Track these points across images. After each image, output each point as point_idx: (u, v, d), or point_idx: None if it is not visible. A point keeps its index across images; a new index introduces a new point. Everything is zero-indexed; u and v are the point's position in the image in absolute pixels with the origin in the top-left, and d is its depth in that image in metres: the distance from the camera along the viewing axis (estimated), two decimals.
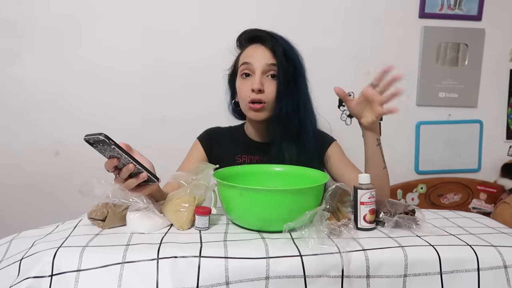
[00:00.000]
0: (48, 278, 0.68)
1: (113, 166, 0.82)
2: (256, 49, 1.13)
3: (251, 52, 1.14)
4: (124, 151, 0.79)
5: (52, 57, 1.63)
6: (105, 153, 0.81)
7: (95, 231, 0.83)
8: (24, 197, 1.67)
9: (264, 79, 1.10)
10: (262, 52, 1.11)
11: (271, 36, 1.13)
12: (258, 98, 1.09)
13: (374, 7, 1.75)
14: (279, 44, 1.11)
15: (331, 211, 0.91)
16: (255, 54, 1.12)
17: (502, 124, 1.89)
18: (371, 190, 0.87)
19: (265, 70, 1.10)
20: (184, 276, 0.69)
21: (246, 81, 1.13)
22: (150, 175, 0.84)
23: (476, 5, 1.78)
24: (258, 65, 1.10)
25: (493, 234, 0.87)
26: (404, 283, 0.74)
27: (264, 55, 1.11)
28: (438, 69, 1.81)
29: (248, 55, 1.14)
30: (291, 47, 1.15)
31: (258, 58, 1.11)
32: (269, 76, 1.11)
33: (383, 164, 1.05)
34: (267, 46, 1.12)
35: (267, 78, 1.11)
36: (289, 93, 1.10)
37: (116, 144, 0.78)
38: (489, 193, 1.86)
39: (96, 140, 0.78)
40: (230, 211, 0.89)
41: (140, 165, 0.82)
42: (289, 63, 1.11)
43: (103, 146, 0.79)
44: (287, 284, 0.71)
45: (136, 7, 1.64)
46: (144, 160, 0.86)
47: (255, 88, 1.09)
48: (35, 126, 1.65)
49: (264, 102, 1.10)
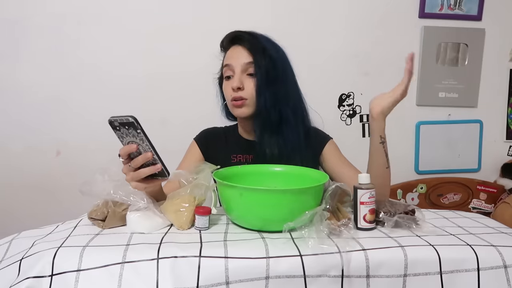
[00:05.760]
0: (48, 278, 0.68)
1: (128, 153, 0.82)
2: (235, 50, 1.15)
3: (230, 53, 1.16)
4: (148, 139, 0.79)
5: (52, 59, 1.63)
6: (125, 139, 0.81)
7: (95, 231, 0.83)
8: (24, 197, 1.67)
9: (243, 78, 1.13)
10: (240, 52, 1.13)
11: (249, 35, 1.15)
12: (239, 96, 1.12)
13: (374, 7, 1.75)
14: (256, 42, 1.13)
15: (331, 211, 0.91)
16: (234, 55, 1.15)
17: (502, 124, 1.89)
18: (371, 190, 0.87)
19: (244, 69, 1.12)
20: (184, 276, 0.69)
21: (228, 83, 1.15)
22: (164, 168, 0.84)
23: (476, 5, 1.78)
24: (236, 65, 1.13)
25: (493, 234, 0.87)
26: (404, 283, 0.74)
27: (242, 54, 1.13)
28: (438, 69, 1.81)
29: (228, 57, 1.17)
30: (271, 43, 1.16)
31: (236, 58, 1.13)
32: (248, 75, 1.13)
33: (386, 163, 1.05)
34: (244, 46, 1.14)
35: (246, 77, 1.13)
36: (268, 88, 1.12)
37: (143, 129, 0.78)
38: (489, 193, 1.86)
39: (122, 122, 0.77)
40: (230, 211, 0.89)
41: (158, 156, 0.82)
42: (267, 59, 1.12)
43: (127, 130, 0.79)
44: (287, 284, 0.71)
45: (136, 9, 1.64)
46: None
47: (234, 87, 1.11)
48: (35, 126, 1.65)
49: (245, 98, 1.12)
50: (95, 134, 1.66)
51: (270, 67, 1.12)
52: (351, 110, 1.81)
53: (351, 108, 1.80)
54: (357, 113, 1.81)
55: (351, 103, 1.79)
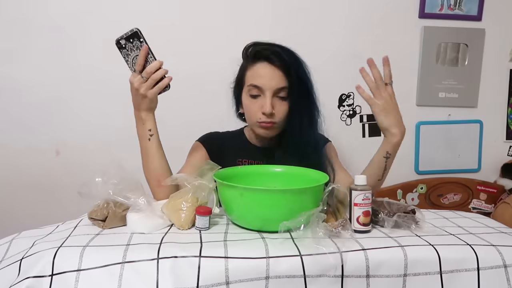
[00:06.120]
0: (48, 278, 0.68)
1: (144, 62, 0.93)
2: (265, 69, 1.08)
3: (259, 72, 1.09)
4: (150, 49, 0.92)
5: (53, 59, 1.63)
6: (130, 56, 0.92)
7: (95, 231, 0.83)
8: (24, 197, 1.67)
9: (274, 101, 1.08)
10: (272, 74, 1.07)
11: (280, 54, 1.07)
12: (269, 121, 1.09)
13: (374, 7, 1.75)
14: (289, 64, 1.07)
15: (331, 211, 0.91)
16: (264, 76, 1.07)
17: (502, 124, 1.89)
18: (365, 191, 0.85)
19: (275, 93, 1.08)
20: (184, 276, 0.69)
21: (255, 102, 1.10)
22: None
23: (476, 5, 1.78)
24: (268, 88, 1.07)
25: (493, 233, 0.87)
26: (404, 283, 0.74)
27: (273, 76, 1.07)
28: (438, 69, 1.81)
29: (256, 75, 1.09)
30: (301, 64, 1.11)
31: (268, 80, 1.07)
32: (279, 97, 1.09)
33: (380, 176, 1.03)
34: (276, 66, 1.07)
35: (277, 99, 1.09)
36: (299, 112, 1.10)
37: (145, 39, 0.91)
38: (489, 193, 1.86)
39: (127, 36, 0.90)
40: (231, 211, 0.89)
41: None
42: (300, 83, 1.08)
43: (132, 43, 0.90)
44: (287, 284, 0.71)
45: (136, 9, 1.64)
46: None
47: (266, 113, 1.07)
48: (35, 126, 1.65)
49: (274, 122, 1.10)
50: (95, 134, 1.66)
51: (303, 92, 1.09)
52: (351, 110, 1.81)
53: (351, 108, 1.80)
54: (357, 113, 1.81)
55: (351, 103, 1.79)
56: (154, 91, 0.96)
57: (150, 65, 0.94)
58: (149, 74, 0.94)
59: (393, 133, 0.98)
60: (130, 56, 0.92)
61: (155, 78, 0.95)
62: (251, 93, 1.11)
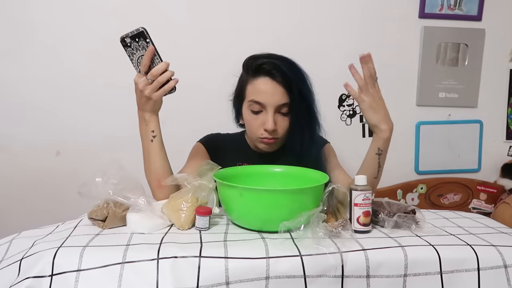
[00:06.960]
0: (48, 278, 0.68)
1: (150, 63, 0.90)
2: (266, 85, 1.06)
3: (261, 88, 1.07)
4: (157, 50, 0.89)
5: (53, 59, 1.63)
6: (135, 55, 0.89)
7: (95, 231, 0.83)
8: (24, 197, 1.67)
9: (276, 117, 1.08)
10: (274, 90, 1.05)
11: (281, 69, 1.05)
12: (271, 137, 1.09)
13: (374, 7, 1.75)
14: (291, 80, 1.05)
15: (332, 211, 0.91)
16: (266, 92, 1.06)
17: (502, 124, 1.89)
18: (365, 192, 0.85)
19: (277, 109, 1.07)
20: (184, 276, 0.69)
21: (256, 118, 1.09)
22: None
23: (476, 5, 1.78)
24: (270, 105, 1.06)
25: (493, 234, 0.87)
26: (404, 283, 0.74)
27: (275, 93, 1.05)
28: (438, 69, 1.81)
29: (258, 91, 1.07)
30: (302, 77, 1.10)
31: (270, 96, 1.05)
32: (280, 113, 1.09)
33: (376, 174, 1.02)
34: (278, 82, 1.05)
35: (279, 115, 1.09)
36: (301, 126, 1.10)
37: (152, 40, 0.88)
38: (489, 193, 1.86)
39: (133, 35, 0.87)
40: (230, 211, 0.89)
41: None
42: (302, 98, 1.07)
43: (137, 43, 0.87)
44: (287, 284, 0.71)
45: (136, 9, 1.64)
46: None
47: (268, 130, 1.07)
48: (35, 126, 1.65)
49: (277, 138, 1.10)
50: (95, 134, 1.66)
51: (304, 107, 1.09)
52: (351, 110, 1.81)
53: (351, 108, 1.80)
54: (357, 113, 1.81)
55: (351, 103, 1.79)
56: (159, 93, 0.93)
57: (156, 67, 0.90)
58: (154, 76, 0.91)
59: (382, 129, 0.98)
60: (135, 55, 0.89)
61: (161, 81, 0.92)
62: (252, 109, 1.10)
